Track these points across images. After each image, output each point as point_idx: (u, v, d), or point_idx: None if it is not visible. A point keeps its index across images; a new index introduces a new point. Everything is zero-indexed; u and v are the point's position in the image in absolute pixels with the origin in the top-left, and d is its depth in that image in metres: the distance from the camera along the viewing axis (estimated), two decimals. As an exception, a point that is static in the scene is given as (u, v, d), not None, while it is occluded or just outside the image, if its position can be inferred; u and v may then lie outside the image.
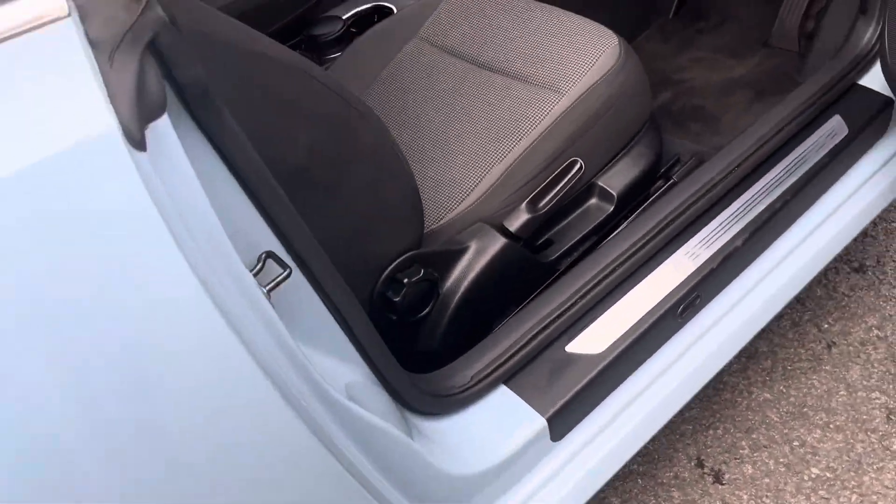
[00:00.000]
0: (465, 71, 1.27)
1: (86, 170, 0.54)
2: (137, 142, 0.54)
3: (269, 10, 1.42)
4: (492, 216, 1.13)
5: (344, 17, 1.56)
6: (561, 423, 1.03)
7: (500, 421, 1.01)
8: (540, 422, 1.00)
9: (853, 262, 1.58)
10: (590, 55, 1.21)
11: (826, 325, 1.49)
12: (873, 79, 1.37)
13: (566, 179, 1.16)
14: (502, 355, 1.03)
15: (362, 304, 1.00)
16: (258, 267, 0.71)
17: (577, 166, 1.17)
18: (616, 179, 1.25)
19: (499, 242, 1.11)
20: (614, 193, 1.23)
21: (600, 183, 1.24)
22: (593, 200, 1.25)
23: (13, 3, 0.53)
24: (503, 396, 1.03)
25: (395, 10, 1.57)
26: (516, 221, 1.14)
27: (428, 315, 1.08)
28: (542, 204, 1.15)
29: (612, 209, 1.24)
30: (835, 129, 1.31)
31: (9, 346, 0.55)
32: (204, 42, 0.71)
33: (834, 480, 1.29)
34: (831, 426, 1.35)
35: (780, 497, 1.28)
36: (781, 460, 1.32)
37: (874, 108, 1.36)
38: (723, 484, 1.31)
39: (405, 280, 1.02)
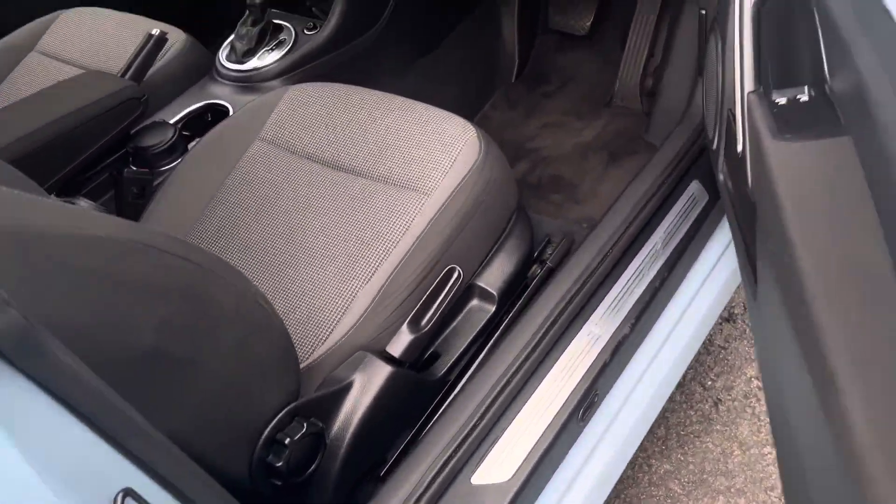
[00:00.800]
0: (318, 175, 1.17)
1: None
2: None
3: (89, 129, 1.25)
4: (371, 342, 1.04)
5: (173, 122, 1.42)
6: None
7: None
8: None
9: (723, 311, 1.61)
10: (450, 151, 1.14)
11: (710, 382, 1.50)
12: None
13: (446, 290, 1.09)
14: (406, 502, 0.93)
15: (240, 476, 0.88)
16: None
17: (456, 274, 1.09)
18: (494, 277, 1.18)
19: (383, 372, 1.01)
20: (494, 293, 1.17)
21: (479, 283, 1.17)
22: (474, 302, 1.18)
23: None
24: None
25: (230, 109, 1.45)
26: (399, 345, 1.04)
27: (316, 469, 0.96)
28: (424, 322, 1.06)
29: (494, 309, 1.18)
30: (696, 195, 1.32)
31: None
32: (10, 253, 0.57)
33: (744, 546, 1.28)
34: (732, 490, 1.34)
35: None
36: (692, 533, 1.30)
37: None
38: (639, 569, 1.27)
39: (287, 440, 0.90)
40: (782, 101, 0.80)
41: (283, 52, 1.51)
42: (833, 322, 0.61)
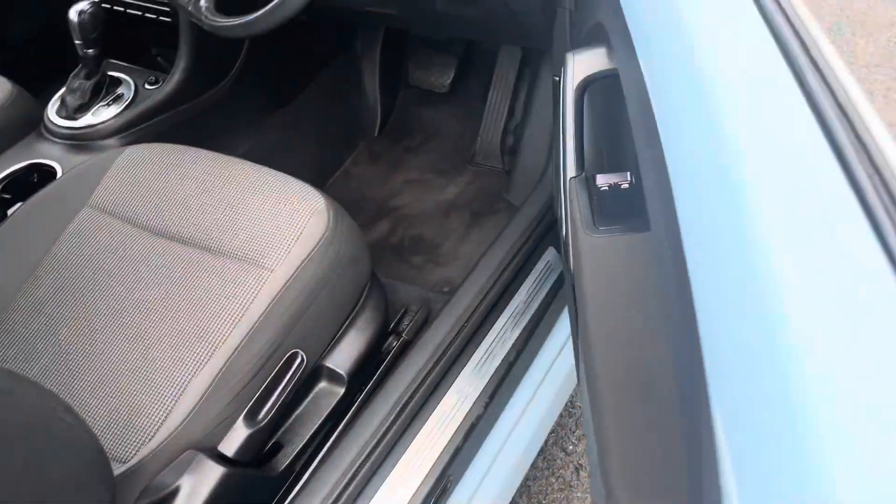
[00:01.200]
0: (151, 246, 1.08)
1: None
2: None
3: None
4: (203, 438, 0.95)
5: (-14, 186, 1.28)
6: None
7: None
8: None
9: (584, 371, 1.61)
10: (296, 223, 1.08)
11: (571, 447, 1.48)
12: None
13: (287, 378, 1.01)
14: None
15: None
16: None
17: (299, 360, 1.02)
18: (343, 356, 1.12)
19: (215, 473, 0.93)
20: (344, 374, 1.11)
21: (328, 364, 1.11)
22: (322, 385, 1.11)
23: None
24: None
25: (58, 171, 1.32)
26: (234, 442, 0.96)
27: None
28: (261, 415, 0.98)
29: (343, 391, 1.11)
30: (551, 262, 1.31)
31: None
32: None
33: None
34: (594, 560, 1.33)
35: None
36: None
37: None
38: None
39: (96, 567, 0.80)
40: (604, 186, 0.79)
41: (121, 108, 1.40)
42: (616, 436, 0.60)
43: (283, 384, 1.00)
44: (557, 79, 1.33)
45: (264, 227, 1.08)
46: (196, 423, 0.94)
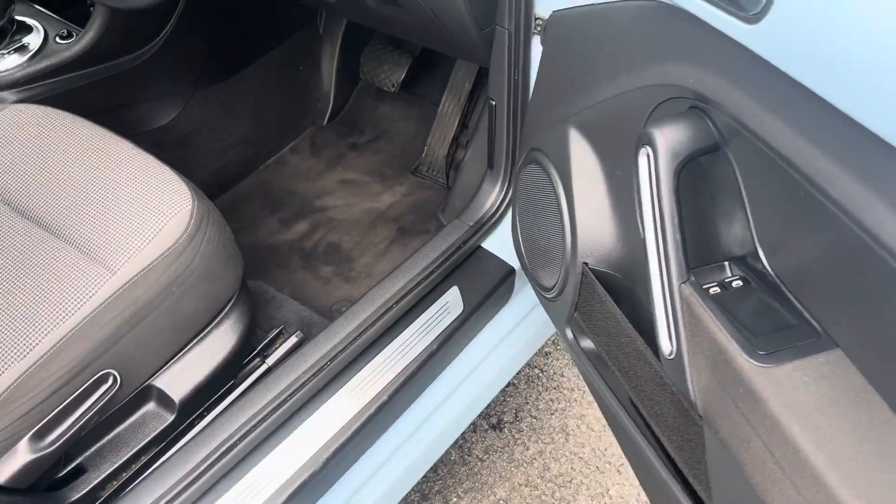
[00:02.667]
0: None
1: None
2: None
3: None
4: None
5: None
6: None
7: None
8: None
9: (492, 416, 1.49)
10: (154, 222, 0.95)
11: (455, 499, 1.36)
12: (497, 242, 1.26)
13: (92, 400, 0.90)
14: None
15: None
16: None
17: (110, 382, 0.91)
18: (179, 379, 1.00)
19: (-23, 500, 0.82)
20: (175, 399, 0.99)
21: (159, 385, 0.99)
22: (149, 406, 1.00)
23: None
24: None
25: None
26: (9, 467, 0.85)
27: None
28: (52, 438, 0.87)
29: (172, 416, 1.00)
30: (450, 304, 1.18)
31: None
32: None
33: None
34: None
35: None
36: None
37: (497, 278, 1.24)
38: None
39: None
40: (714, 289, 0.66)
41: (23, 59, 1.28)
42: None
43: (86, 406, 0.89)
44: (493, 103, 1.20)
45: (119, 220, 0.96)
46: (-28, 439, 0.84)
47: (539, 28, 1.03)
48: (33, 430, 0.86)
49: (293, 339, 1.15)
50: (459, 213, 1.30)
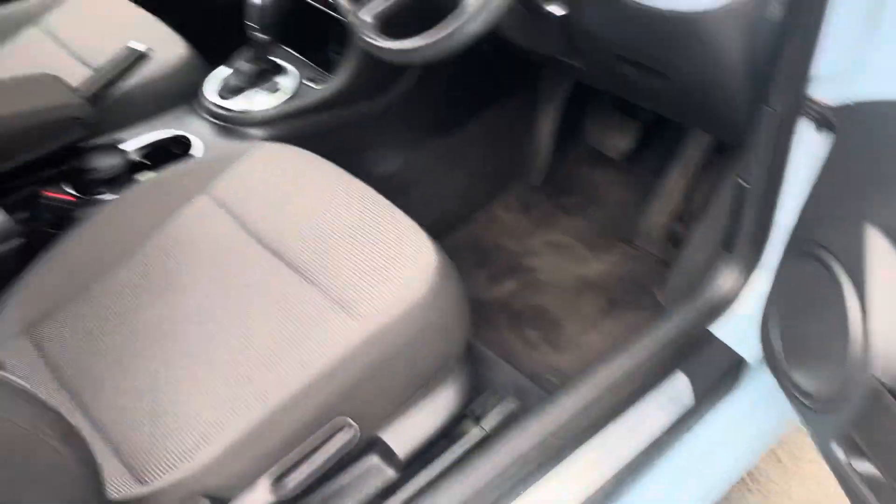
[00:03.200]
0: (250, 254, 1.01)
1: None
2: None
3: (22, 137, 1.10)
4: (220, 488, 0.85)
5: (131, 147, 1.27)
6: None
7: None
8: None
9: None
10: (397, 274, 0.96)
11: None
12: (726, 329, 1.18)
13: (332, 449, 0.90)
14: None
15: None
16: None
17: (351, 434, 0.90)
18: (406, 435, 0.99)
19: (219, 532, 0.83)
20: (401, 456, 0.98)
21: (384, 438, 0.98)
22: (373, 459, 1.00)
23: None
24: None
25: (197, 148, 1.29)
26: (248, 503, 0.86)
27: None
28: (291, 486, 0.87)
29: (396, 475, 0.99)
30: (678, 392, 1.11)
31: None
32: None
33: None
34: None
35: None
36: None
37: (725, 367, 1.16)
38: None
39: None
40: None
41: (277, 101, 1.35)
42: None
43: (326, 455, 0.89)
44: (744, 183, 1.13)
45: (366, 268, 0.97)
46: (219, 470, 0.85)
47: (810, 111, 0.97)
48: (272, 474, 0.87)
49: (510, 406, 1.11)
50: (685, 294, 1.23)
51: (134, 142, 1.28)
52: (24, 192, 1.18)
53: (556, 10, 1.00)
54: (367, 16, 1.02)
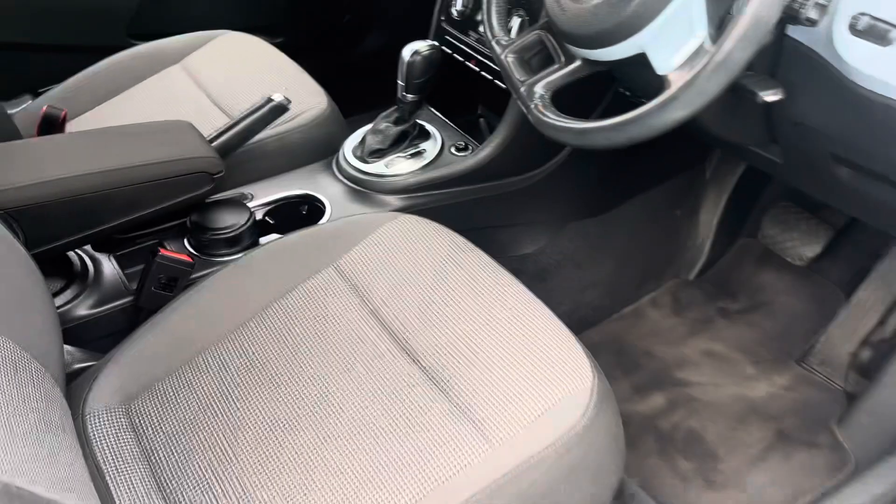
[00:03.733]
0: (374, 343, 0.87)
1: None
2: None
3: (147, 189, 1.01)
4: None
5: (258, 203, 1.16)
6: None
7: None
8: None
9: None
10: (545, 396, 0.79)
11: None
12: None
13: None
14: None
15: None
16: None
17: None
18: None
19: None
20: None
21: None
22: None
23: None
24: None
25: (327, 212, 1.18)
26: None
27: None
28: None
29: None
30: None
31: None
32: None
33: None
34: None
35: None
36: None
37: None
38: None
39: None
40: None
41: (418, 167, 1.22)
42: None
43: None
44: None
45: (510, 388, 0.81)
46: None
47: None
48: None
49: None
50: (880, 443, 1.00)
51: (261, 198, 1.18)
52: (140, 245, 1.09)
53: (771, 97, 0.82)
54: (542, 89, 0.87)
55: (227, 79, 1.34)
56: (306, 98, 1.28)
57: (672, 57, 0.77)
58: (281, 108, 1.14)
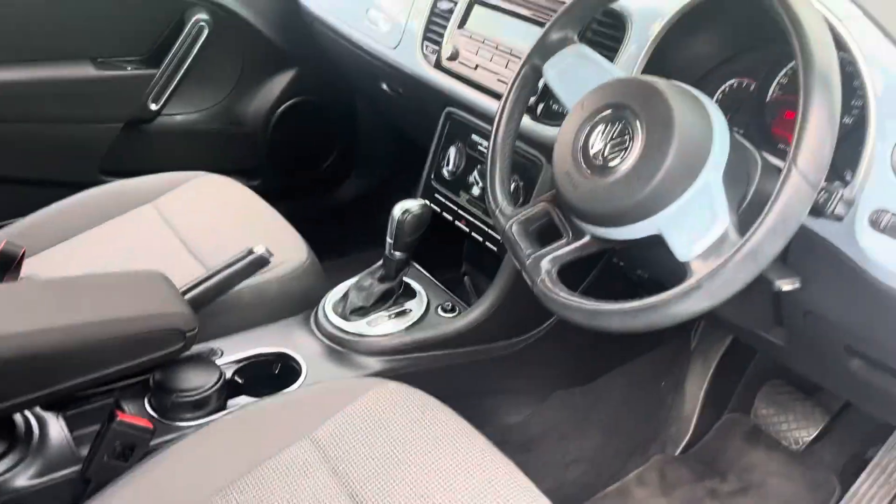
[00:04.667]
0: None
1: None
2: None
3: (109, 347, 0.92)
4: None
5: (221, 361, 1.07)
6: None
7: None
8: None
9: None
10: None
11: None
12: None
13: None
14: None
15: None
16: None
17: None
18: None
19: None
20: None
21: None
22: None
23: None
24: None
25: (303, 373, 1.09)
26: None
27: None
28: None
29: None
30: None
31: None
32: None
33: None
34: None
35: None
36: None
37: None
38: None
39: None
40: None
41: (402, 327, 1.16)
42: None
43: None
44: None
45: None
46: None
47: None
48: None
49: None
50: None
51: (232, 355, 1.09)
52: (94, 404, 0.99)
53: (788, 286, 0.80)
54: (549, 263, 0.83)
55: (202, 223, 1.28)
56: (285, 248, 1.22)
57: (694, 243, 0.74)
58: (262, 262, 1.08)
